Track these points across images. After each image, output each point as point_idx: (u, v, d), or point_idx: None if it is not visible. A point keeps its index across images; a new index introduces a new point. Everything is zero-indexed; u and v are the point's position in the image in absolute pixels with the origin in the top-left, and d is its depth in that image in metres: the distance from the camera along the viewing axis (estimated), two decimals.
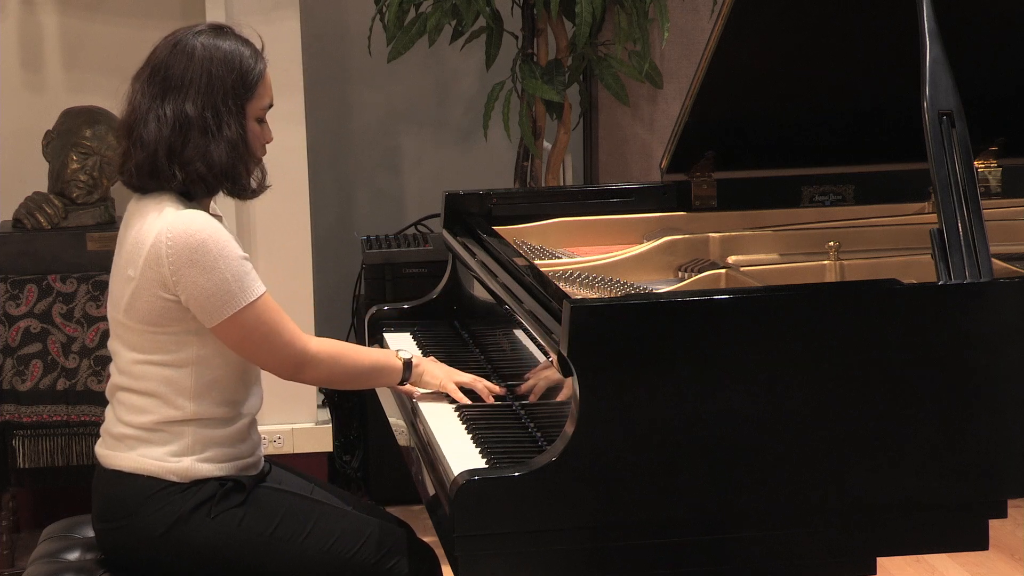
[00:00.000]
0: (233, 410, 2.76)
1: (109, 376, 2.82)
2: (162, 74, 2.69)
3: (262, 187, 2.81)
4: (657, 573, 2.46)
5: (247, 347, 2.69)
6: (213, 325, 2.66)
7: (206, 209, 2.74)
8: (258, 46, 2.76)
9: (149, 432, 2.71)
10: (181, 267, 2.62)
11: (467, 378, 2.87)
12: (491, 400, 2.84)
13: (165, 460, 2.70)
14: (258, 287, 2.67)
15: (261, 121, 2.76)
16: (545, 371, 2.72)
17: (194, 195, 2.72)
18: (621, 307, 2.43)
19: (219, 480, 2.71)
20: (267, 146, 2.80)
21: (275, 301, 2.70)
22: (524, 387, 2.80)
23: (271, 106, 2.77)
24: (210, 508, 2.68)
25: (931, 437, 2.48)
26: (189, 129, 2.67)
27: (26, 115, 4.45)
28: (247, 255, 2.68)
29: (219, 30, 2.74)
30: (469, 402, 2.83)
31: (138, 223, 2.70)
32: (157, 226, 2.65)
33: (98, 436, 2.83)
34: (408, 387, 2.89)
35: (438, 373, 2.88)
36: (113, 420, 2.77)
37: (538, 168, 4.60)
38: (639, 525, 2.42)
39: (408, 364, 2.86)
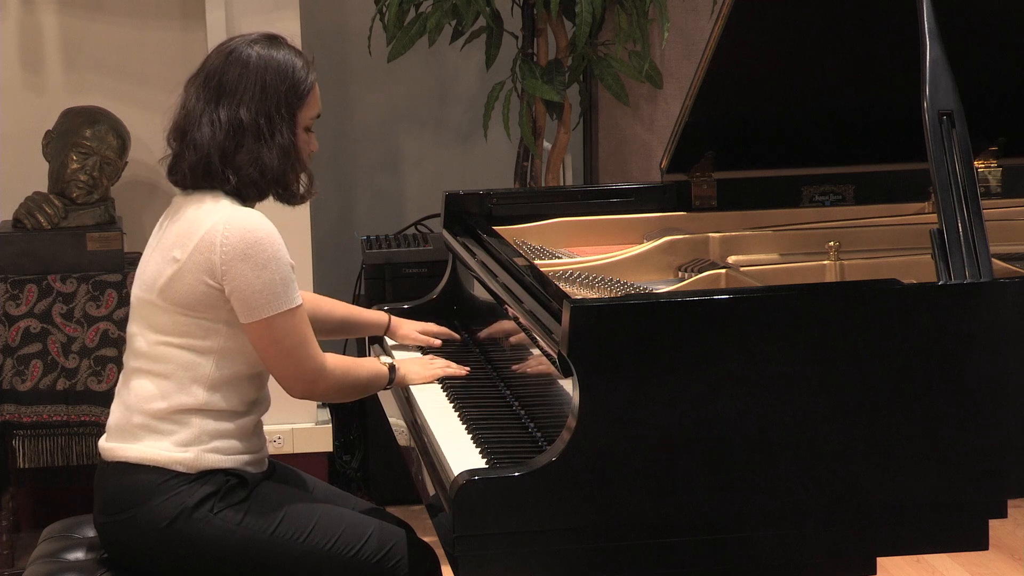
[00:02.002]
0: (243, 407, 2.77)
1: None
2: (217, 80, 2.75)
3: (309, 193, 2.88)
4: (657, 573, 2.46)
5: (273, 351, 2.71)
6: (249, 322, 2.68)
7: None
8: (308, 58, 2.82)
9: (158, 420, 2.72)
10: (233, 259, 2.66)
11: (437, 371, 3.01)
12: (465, 371, 3.00)
13: (172, 450, 2.71)
14: (298, 297, 2.72)
15: (308, 130, 2.82)
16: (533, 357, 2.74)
17: (246, 198, 2.76)
18: (621, 307, 2.43)
19: (225, 472, 2.72)
20: None
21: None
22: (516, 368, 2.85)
23: (319, 116, 2.83)
24: (213, 504, 2.69)
25: (931, 437, 2.48)
26: (243, 135, 2.72)
27: (26, 115, 4.45)
28: (294, 264, 2.73)
29: (273, 40, 2.81)
30: (464, 371, 2.98)
31: (190, 210, 2.74)
32: (215, 215, 2.70)
33: (99, 435, 2.83)
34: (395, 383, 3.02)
35: (417, 370, 3.01)
36: (122, 410, 2.78)
37: (538, 168, 4.61)
38: (639, 525, 2.42)
39: (392, 368, 2.96)
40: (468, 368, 3.03)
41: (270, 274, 2.67)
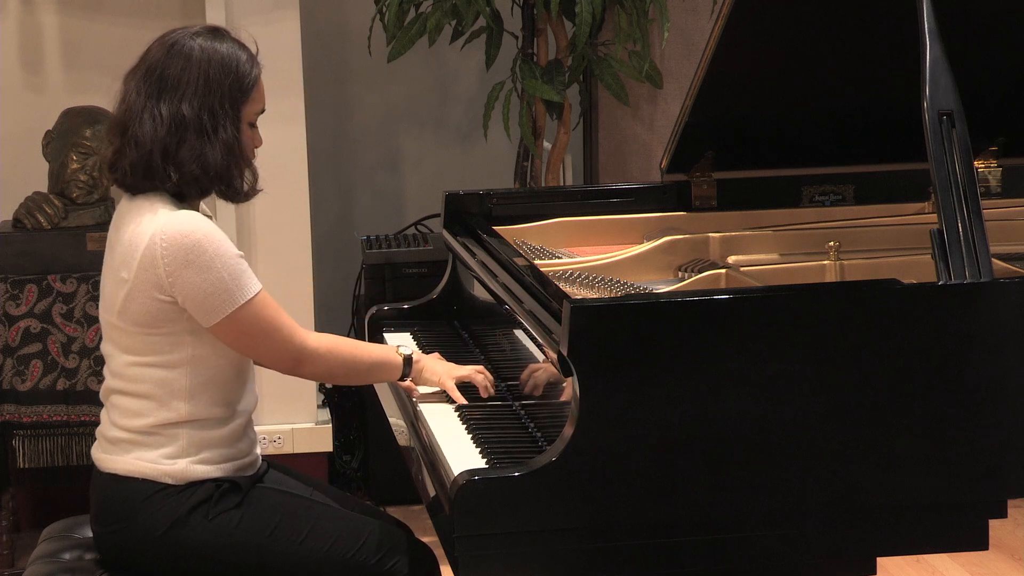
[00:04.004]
0: (228, 410, 2.75)
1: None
2: (158, 74, 2.68)
3: (253, 190, 2.80)
4: (657, 573, 2.46)
5: (245, 344, 2.69)
6: (211, 324, 2.65)
7: (196, 210, 2.74)
8: (253, 50, 2.76)
9: (144, 435, 2.71)
10: (177, 268, 2.62)
11: (465, 371, 2.88)
12: (486, 394, 2.84)
13: (160, 463, 2.69)
14: (254, 284, 2.67)
15: (252, 125, 2.76)
16: (542, 368, 2.72)
17: (187, 196, 2.71)
18: (621, 307, 2.43)
19: (215, 481, 2.71)
20: (267, 146, 2.80)
21: (272, 297, 2.70)
22: (522, 379, 2.81)
23: (263, 111, 2.77)
24: (207, 509, 2.68)
25: (931, 437, 2.48)
26: (185, 130, 2.66)
27: (26, 115, 4.45)
28: (242, 253, 2.68)
29: (215, 32, 2.74)
30: (466, 402, 2.84)
31: (131, 225, 2.69)
32: (151, 227, 2.64)
33: (95, 438, 2.83)
34: (408, 384, 2.89)
35: (438, 370, 2.89)
36: (107, 423, 2.77)
37: (538, 168, 4.60)
38: (639, 525, 2.42)
39: (408, 360, 2.87)
40: (491, 385, 2.88)
41: (216, 273, 2.63)
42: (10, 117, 4.46)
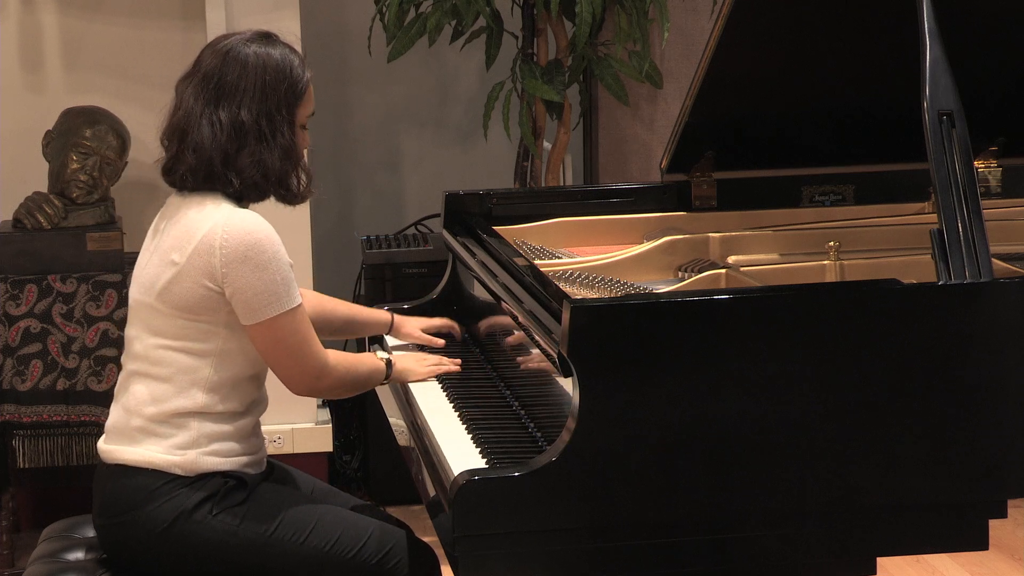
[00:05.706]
0: (240, 407, 2.77)
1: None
2: (215, 81, 2.72)
3: (309, 191, 2.85)
4: (657, 573, 2.46)
5: (277, 352, 2.71)
6: (252, 323, 2.67)
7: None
8: (302, 54, 2.82)
9: (157, 424, 2.72)
10: (233, 261, 2.65)
11: (432, 360, 3.05)
12: (457, 367, 3.03)
13: (170, 453, 2.70)
14: (298, 296, 2.71)
15: (304, 128, 2.81)
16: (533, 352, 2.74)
17: (245, 199, 2.76)
18: (621, 307, 2.43)
19: (223, 475, 2.72)
20: None
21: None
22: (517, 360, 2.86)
23: (313, 113, 2.82)
24: (212, 506, 2.69)
25: (931, 437, 2.48)
26: (245, 135, 2.71)
27: (26, 115, 4.45)
28: (292, 263, 2.72)
29: (268, 38, 2.79)
30: (458, 368, 3.00)
31: (190, 211, 2.72)
32: (213, 218, 2.68)
33: (99, 435, 2.83)
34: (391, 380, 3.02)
35: (411, 367, 3.03)
36: (120, 412, 2.78)
37: (538, 168, 4.61)
38: (639, 525, 2.42)
39: (389, 364, 2.96)
40: (459, 360, 3.05)
41: (271, 275, 2.67)
42: (10, 117, 4.46)
